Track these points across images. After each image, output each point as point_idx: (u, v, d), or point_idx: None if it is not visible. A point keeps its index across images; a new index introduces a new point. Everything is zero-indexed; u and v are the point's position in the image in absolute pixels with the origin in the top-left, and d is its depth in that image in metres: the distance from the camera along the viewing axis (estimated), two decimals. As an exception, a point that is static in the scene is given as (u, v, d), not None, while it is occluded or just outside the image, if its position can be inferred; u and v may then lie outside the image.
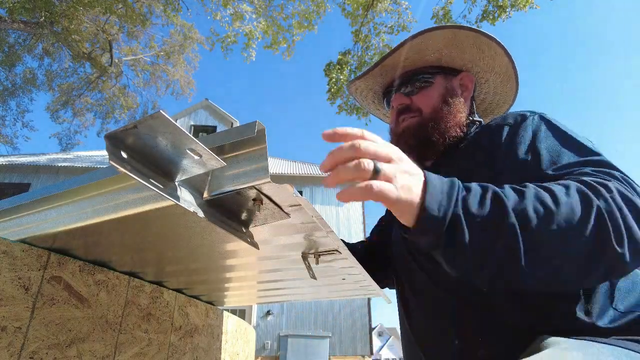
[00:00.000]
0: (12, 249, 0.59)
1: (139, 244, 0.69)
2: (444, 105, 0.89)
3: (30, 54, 12.70)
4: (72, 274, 0.67)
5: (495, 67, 0.94)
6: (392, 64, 0.95)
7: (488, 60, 0.93)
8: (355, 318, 11.88)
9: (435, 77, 0.93)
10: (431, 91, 0.92)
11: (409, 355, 0.85)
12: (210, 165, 0.43)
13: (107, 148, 0.37)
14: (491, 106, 1.06)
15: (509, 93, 1.00)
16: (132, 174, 0.38)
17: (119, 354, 0.74)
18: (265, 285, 1.05)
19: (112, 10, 9.44)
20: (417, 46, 0.90)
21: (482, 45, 0.90)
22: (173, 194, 0.45)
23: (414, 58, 0.93)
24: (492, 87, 1.00)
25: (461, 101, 0.91)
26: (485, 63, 0.94)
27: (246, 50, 8.71)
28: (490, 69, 0.95)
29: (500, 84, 0.99)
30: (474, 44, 0.90)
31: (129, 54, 13.70)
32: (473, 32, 0.87)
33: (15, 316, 0.57)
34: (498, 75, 0.96)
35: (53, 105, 14.13)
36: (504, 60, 0.91)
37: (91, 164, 13.04)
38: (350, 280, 0.94)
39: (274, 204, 0.53)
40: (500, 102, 1.04)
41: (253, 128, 0.44)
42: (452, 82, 0.94)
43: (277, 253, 0.74)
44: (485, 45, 0.89)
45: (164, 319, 0.91)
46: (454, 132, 0.87)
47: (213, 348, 1.17)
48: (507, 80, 0.96)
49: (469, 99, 0.94)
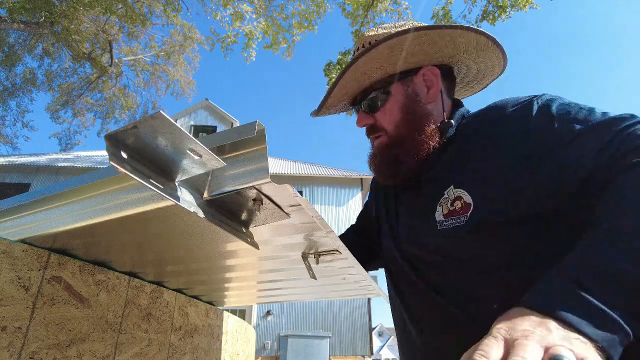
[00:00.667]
0: (12, 249, 0.59)
1: (139, 244, 0.69)
2: (407, 117, 0.80)
3: (30, 54, 12.70)
4: (72, 274, 0.67)
5: (460, 49, 0.82)
6: (352, 78, 0.85)
7: (448, 49, 0.82)
8: (355, 318, 11.88)
9: (391, 87, 0.83)
10: (390, 104, 0.82)
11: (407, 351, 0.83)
12: (211, 166, 0.43)
13: (107, 148, 0.37)
14: (479, 75, 0.94)
15: (493, 58, 0.86)
16: (132, 174, 0.38)
17: (119, 354, 0.74)
18: (265, 285, 1.05)
19: (112, 11, 9.44)
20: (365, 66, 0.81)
21: (433, 39, 0.78)
22: (173, 194, 0.45)
23: (368, 73, 0.83)
24: (469, 63, 0.89)
25: (427, 103, 0.82)
26: (446, 52, 0.82)
27: (246, 50, 8.71)
28: (455, 53, 0.83)
29: (477, 56, 0.86)
30: (424, 43, 0.79)
31: (129, 54, 13.70)
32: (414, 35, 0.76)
33: (15, 316, 0.57)
34: (469, 53, 0.84)
35: (53, 105, 14.13)
36: (468, 38, 0.79)
37: (91, 164, 13.05)
38: (351, 280, 0.94)
39: (274, 204, 0.53)
40: (489, 68, 0.90)
41: (253, 128, 0.44)
42: (414, 84, 0.83)
43: (277, 253, 0.74)
44: (436, 37, 0.78)
45: (164, 319, 0.91)
46: (424, 146, 0.78)
47: (213, 348, 1.17)
48: (484, 49, 0.83)
49: (439, 93, 0.83)
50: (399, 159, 0.80)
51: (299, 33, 8.85)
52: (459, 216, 0.69)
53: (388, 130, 0.83)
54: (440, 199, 0.74)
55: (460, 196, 0.70)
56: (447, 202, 0.72)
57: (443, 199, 0.73)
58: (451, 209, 0.71)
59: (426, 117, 0.80)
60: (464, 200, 0.69)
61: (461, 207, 0.69)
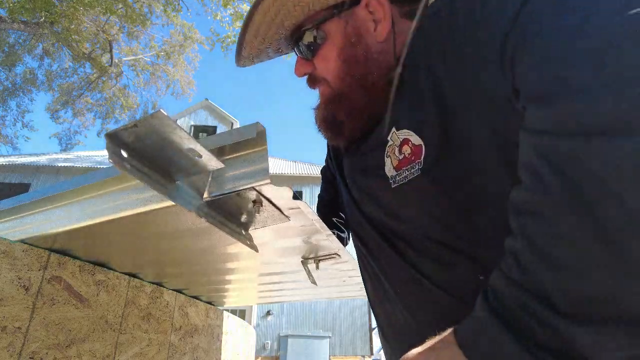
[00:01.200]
0: (12, 249, 0.59)
1: (139, 245, 0.69)
2: (348, 66, 0.63)
3: (30, 54, 12.71)
4: (72, 274, 0.67)
5: None
6: (263, 21, 0.64)
7: None
8: (355, 318, 11.87)
9: (326, 25, 0.63)
10: (326, 49, 0.64)
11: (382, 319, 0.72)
12: (211, 166, 0.43)
13: (107, 146, 0.37)
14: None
15: None
16: (132, 173, 0.38)
17: (119, 354, 0.74)
18: (266, 286, 1.05)
19: (112, 11, 9.45)
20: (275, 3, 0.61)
21: None
22: (173, 194, 0.45)
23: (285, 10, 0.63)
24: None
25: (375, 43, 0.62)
26: None
27: (246, 50, 8.71)
28: None
29: None
30: None
31: (129, 54, 13.71)
32: None
33: (15, 316, 0.57)
34: None
35: (53, 105, 14.14)
36: None
37: (91, 164, 13.05)
38: (351, 283, 0.94)
39: (274, 206, 0.53)
40: None
41: (254, 129, 0.44)
42: (355, 19, 0.63)
43: (277, 256, 0.74)
44: None
45: (164, 319, 0.91)
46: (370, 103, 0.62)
47: (213, 348, 1.17)
48: None
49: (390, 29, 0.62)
50: (338, 119, 0.65)
51: (299, 33, 8.84)
52: (413, 164, 0.54)
53: (329, 80, 0.66)
54: (385, 148, 0.59)
55: (407, 138, 0.55)
56: (395, 150, 0.57)
57: (389, 147, 0.58)
58: (400, 157, 0.56)
59: (373, 64, 0.62)
60: (411, 142, 0.54)
61: (411, 152, 0.55)
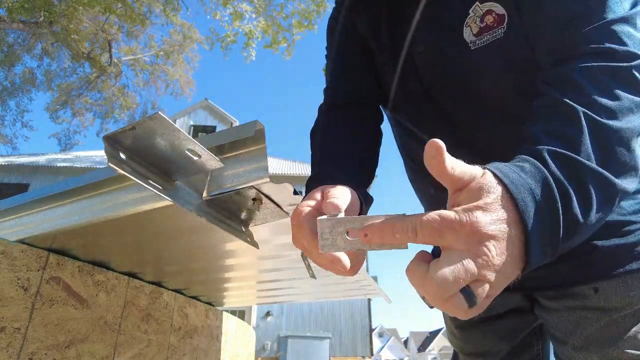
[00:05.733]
0: (11, 249, 0.59)
1: (138, 244, 0.68)
2: None
3: (30, 53, 12.70)
4: (72, 274, 0.67)
5: None
6: None
7: None
8: (356, 319, 11.88)
9: None
10: None
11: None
12: (209, 166, 0.43)
13: (106, 149, 0.37)
14: None
15: None
16: (131, 174, 0.38)
17: (118, 355, 0.74)
18: (265, 285, 1.05)
19: (111, 10, 9.44)
20: None
21: None
22: (171, 194, 0.45)
23: None
24: None
25: None
26: None
27: (246, 50, 8.72)
28: None
29: None
30: None
31: (129, 54, 13.70)
32: None
33: (14, 317, 0.57)
34: None
35: (52, 105, 14.13)
36: None
37: (91, 164, 13.04)
38: (350, 280, 0.94)
39: (273, 203, 0.53)
40: None
41: (252, 128, 0.44)
42: None
43: (277, 252, 0.74)
44: None
45: (163, 319, 0.91)
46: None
47: (213, 349, 1.17)
48: None
49: None
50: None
51: (299, 32, 8.85)
52: (495, 29, 0.60)
53: None
54: (466, 19, 0.63)
55: (491, 9, 0.61)
56: (476, 21, 0.62)
57: (469, 19, 0.63)
58: (482, 25, 0.62)
59: None
60: (495, 12, 0.60)
61: (493, 20, 0.61)
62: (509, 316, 0.74)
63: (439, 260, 0.32)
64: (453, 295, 0.32)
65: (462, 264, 0.31)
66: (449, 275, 0.31)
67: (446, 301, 0.32)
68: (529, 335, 0.76)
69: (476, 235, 0.32)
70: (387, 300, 1.19)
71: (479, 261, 0.32)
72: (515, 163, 0.39)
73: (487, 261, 0.32)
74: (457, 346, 0.83)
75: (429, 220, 0.32)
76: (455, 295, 0.32)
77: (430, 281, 0.31)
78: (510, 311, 0.74)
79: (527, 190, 0.35)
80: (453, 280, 0.31)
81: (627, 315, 0.56)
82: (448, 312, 0.33)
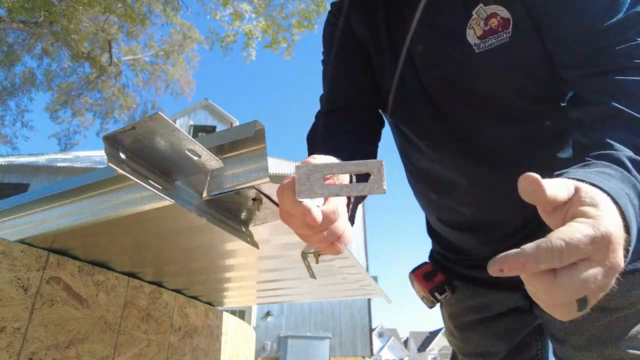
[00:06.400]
0: (11, 249, 0.59)
1: (138, 244, 0.68)
2: None
3: (30, 53, 12.69)
4: (72, 274, 0.67)
5: None
6: None
7: None
8: (356, 319, 11.88)
9: None
10: None
11: None
12: (210, 166, 0.43)
13: (106, 149, 0.37)
14: None
15: None
16: (130, 175, 0.38)
17: (118, 355, 0.74)
18: (265, 285, 1.05)
19: (111, 10, 9.44)
20: None
21: None
22: (171, 193, 0.45)
23: None
24: None
25: None
26: None
27: (246, 50, 8.72)
28: None
29: None
30: None
31: (129, 54, 13.69)
32: None
33: (14, 317, 0.57)
34: None
35: (52, 105, 14.13)
36: None
37: (90, 164, 13.03)
38: (351, 280, 0.94)
39: (273, 203, 0.53)
40: None
41: (252, 127, 0.44)
42: None
43: (277, 252, 0.74)
44: None
45: (163, 319, 0.91)
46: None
47: (213, 349, 1.17)
48: None
49: None
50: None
51: (299, 32, 8.85)
52: (500, 33, 0.59)
53: None
54: (469, 21, 0.63)
55: (495, 12, 0.60)
56: (479, 23, 0.61)
57: (473, 21, 0.62)
58: (486, 28, 0.61)
59: None
60: (500, 16, 0.59)
61: (498, 24, 0.60)
62: (508, 316, 0.74)
63: (572, 269, 0.31)
64: (569, 302, 0.31)
65: (591, 273, 0.31)
66: (582, 284, 0.30)
67: (559, 306, 0.32)
68: (528, 335, 0.76)
69: (610, 246, 0.32)
70: (387, 300, 1.19)
71: (610, 272, 0.32)
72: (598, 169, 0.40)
73: (616, 269, 0.32)
74: (456, 346, 0.83)
75: (575, 243, 0.31)
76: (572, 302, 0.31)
77: (558, 288, 0.31)
78: (509, 311, 0.74)
79: (624, 196, 0.37)
80: (580, 290, 0.31)
81: (627, 315, 0.56)
82: (551, 313, 0.33)
